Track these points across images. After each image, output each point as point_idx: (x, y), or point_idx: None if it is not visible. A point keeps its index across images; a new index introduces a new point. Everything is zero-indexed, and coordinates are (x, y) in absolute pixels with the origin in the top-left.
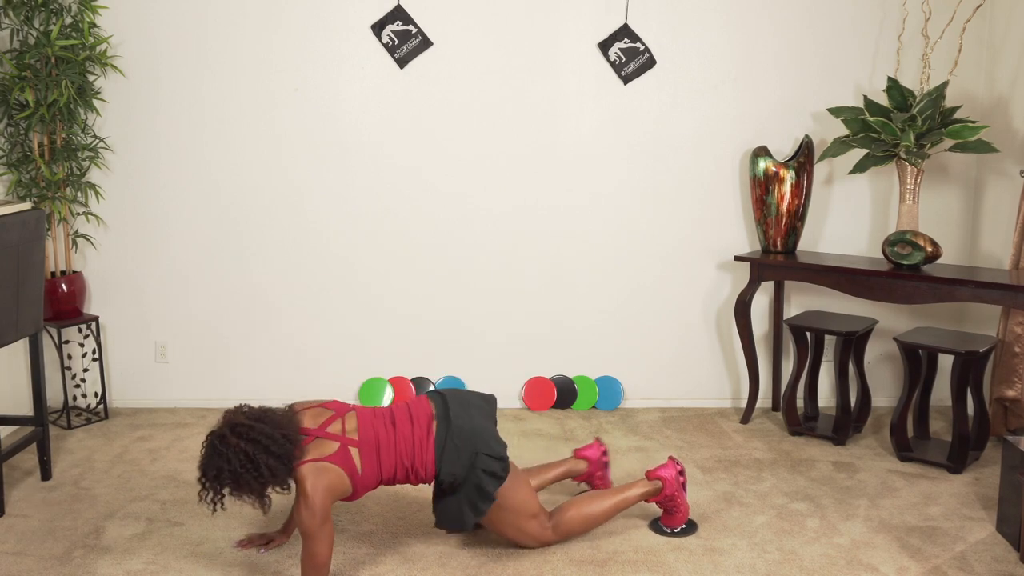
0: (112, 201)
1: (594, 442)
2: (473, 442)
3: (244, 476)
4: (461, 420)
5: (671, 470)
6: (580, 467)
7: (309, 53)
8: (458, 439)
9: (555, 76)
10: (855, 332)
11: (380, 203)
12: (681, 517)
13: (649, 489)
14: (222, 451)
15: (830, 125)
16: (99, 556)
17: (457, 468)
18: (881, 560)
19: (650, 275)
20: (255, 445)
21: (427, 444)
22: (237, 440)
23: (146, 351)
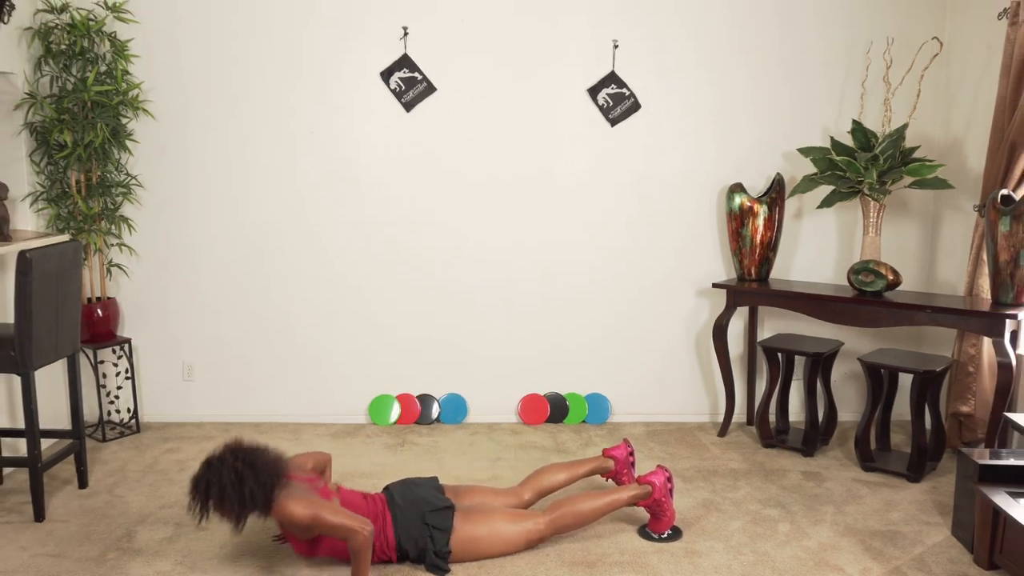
0: (143, 233)
1: (622, 443)
2: (418, 505)
3: (229, 495)
4: (405, 494)
5: (660, 476)
6: (608, 465)
7: (325, 98)
8: (406, 508)
9: (549, 119)
10: (822, 353)
11: (388, 235)
12: (667, 522)
13: (639, 492)
14: (216, 468)
15: (800, 164)
16: (131, 558)
17: (412, 532)
18: (846, 561)
19: (636, 301)
20: (248, 468)
21: (387, 524)
22: (233, 461)
23: (175, 370)
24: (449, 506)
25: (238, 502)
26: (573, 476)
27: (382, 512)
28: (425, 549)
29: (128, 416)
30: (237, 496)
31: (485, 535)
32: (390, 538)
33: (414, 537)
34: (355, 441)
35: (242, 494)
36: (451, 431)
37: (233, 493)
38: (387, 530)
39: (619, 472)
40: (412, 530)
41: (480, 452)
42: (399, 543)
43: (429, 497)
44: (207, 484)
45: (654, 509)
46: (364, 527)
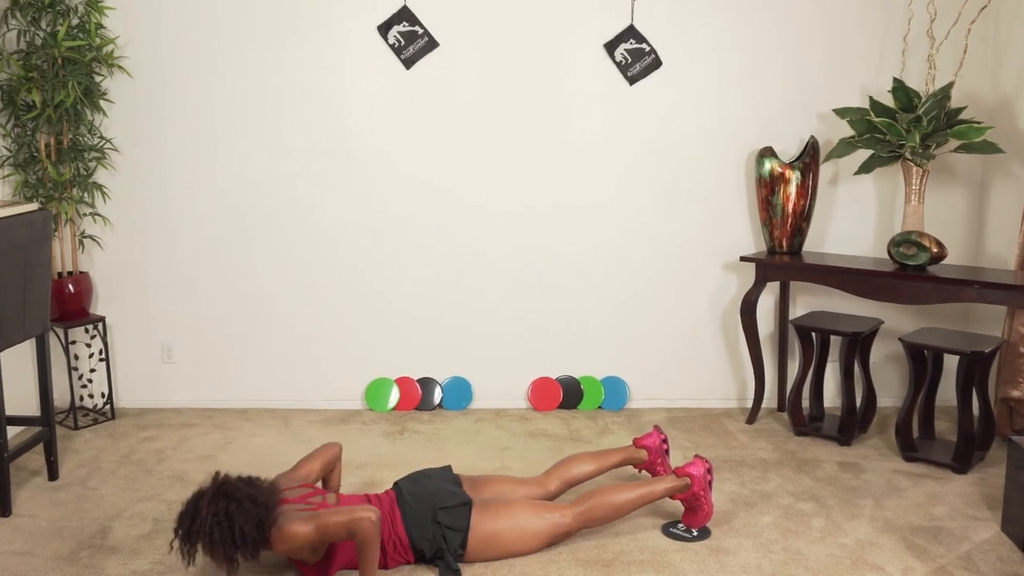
0: (118, 202)
1: (652, 430)
2: (430, 502)
3: (217, 537)
4: (414, 489)
5: (699, 468)
6: (640, 456)
7: (315, 54)
8: (415, 504)
9: (561, 77)
10: (860, 332)
11: (386, 204)
12: (703, 517)
13: (676, 485)
14: (201, 509)
15: (835, 126)
16: (106, 556)
17: (425, 532)
18: (886, 560)
19: (656, 275)
20: (235, 504)
21: (396, 520)
22: (222, 502)
23: (153, 351)
24: (465, 502)
25: (229, 542)
26: (602, 467)
27: (391, 511)
28: (441, 549)
29: (102, 401)
30: (229, 538)
31: (506, 530)
32: (403, 538)
33: (427, 537)
34: (350, 429)
35: (233, 536)
36: (454, 418)
37: (222, 533)
38: (398, 530)
39: (653, 463)
40: (424, 529)
41: (486, 441)
42: (412, 543)
43: (441, 492)
44: (190, 523)
45: (691, 503)
46: (371, 514)
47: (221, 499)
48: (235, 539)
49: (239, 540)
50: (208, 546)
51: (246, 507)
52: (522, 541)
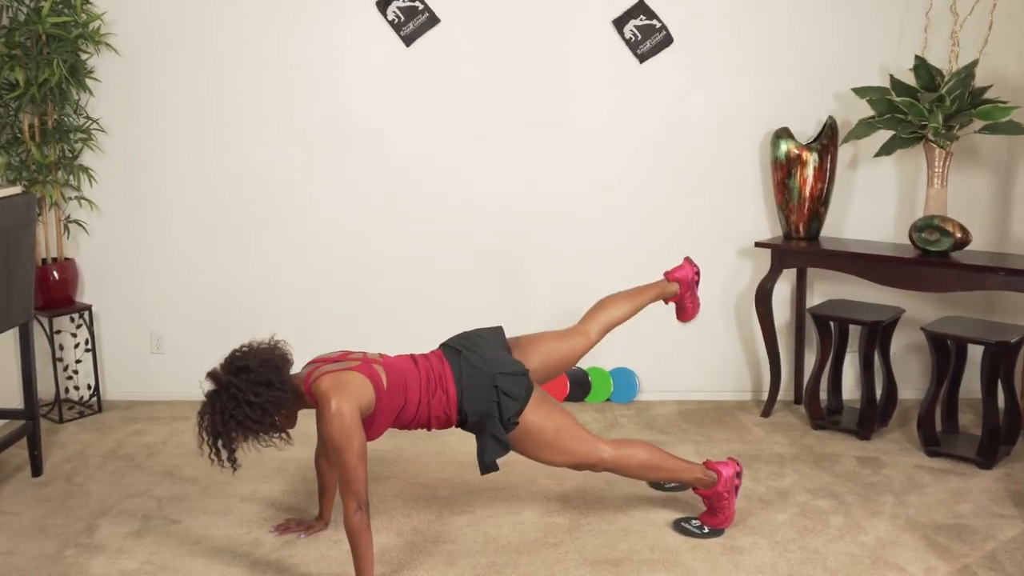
0: (106, 185)
1: (684, 262)
2: (487, 364)
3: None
4: (472, 354)
5: (730, 469)
6: (672, 289)
7: (312, 30)
8: (474, 369)
9: (569, 54)
10: (881, 322)
11: (385, 186)
12: (723, 520)
13: (703, 478)
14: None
15: (855, 106)
16: (92, 555)
17: (479, 401)
18: (908, 559)
19: (667, 261)
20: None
21: (446, 376)
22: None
23: (141, 341)
24: (525, 372)
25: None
26: (637, 306)
27: (440, 369)
28: (489, 416)
29: (88, 394)
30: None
31: (549, 433)
32: (452, 397)
33: (480, 399)
34: None
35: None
36: None
37: (243, 415)
38: (448, 387)
39: (683, 295)
40: (479, 391)
41: None
42: (461, 404)
43: (500, 357)
44: (212, 430)
45: (713, 503)
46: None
47: (220, 392)
48: (255, 412)
49: (259, 413)
50: (243, 432)
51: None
52: (556, 447)
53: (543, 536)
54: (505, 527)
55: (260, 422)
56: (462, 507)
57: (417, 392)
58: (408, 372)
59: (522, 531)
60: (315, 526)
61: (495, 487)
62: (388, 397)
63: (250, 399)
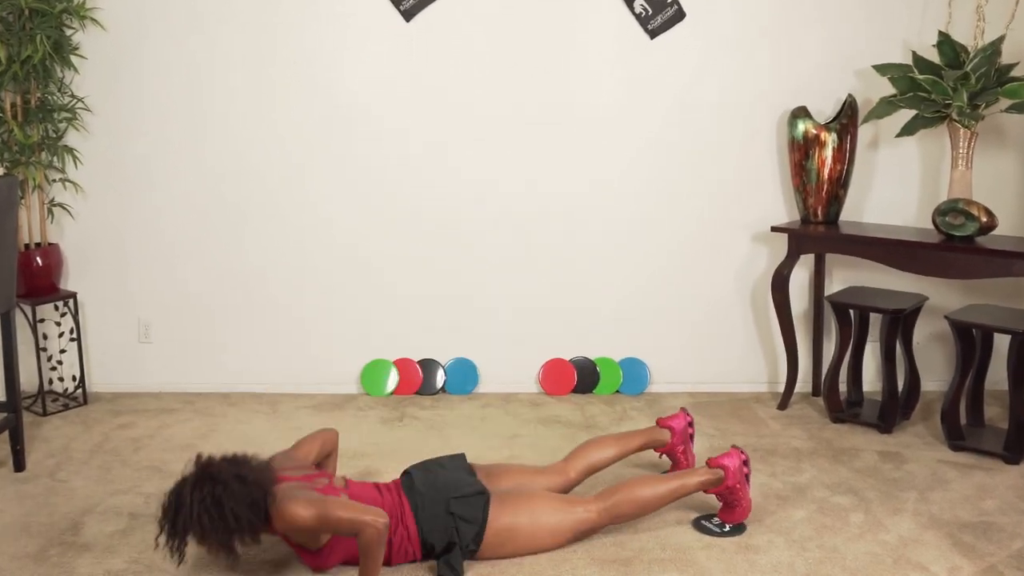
0: (92, 166)
1: (679, 412)
2: (442, 492)
3: (208, 524)
4: (425, 478)
5: (735, 459)
6: (663, 437)
7: (308, 4)
8: (428, 499)
9: (577, 30)
10: (903, 310)
11: (384, 172)
12: (741, 512)
13: (709, 478)
14: (185, 498)
15: (875, 84)
16: (77, 554)
17: (439, 531)
18: (931, 558)
19: (679, 247)
20: (223, 486)
21: (406, 511)
22: (207, 486)
23: (129, 330)
24: (480, 491)
25: (222, 528)
26: (624, 450)
27: (399, 501)
28: (453, 543)
29: (73, 385)
30: (219, 522)
31: (526, 525)
32: (412, 532)
33: (438, 529)
34: (344, 415)
35: (224, 517)
36: (459, 403)
37: (212, 520)
38: (408, 522)
39: (675, 446)
40: (436, 521)
41: (494, 428)
42: (423, 537)
43: (455, 481)
44: (175, 514)
45: (727, 497)
46: (377, 519)
47: (206, 483)
48: (228, 523)
49: (233, 524)
50: (200, 536)
51: (234, 488)
52: (541, 538)
53: None
54: None
55: (226, 534)
56: None
57: None
58: (373, 502)
59: None
60: None
61: None
62: (347, 539)
63: (234, 510)
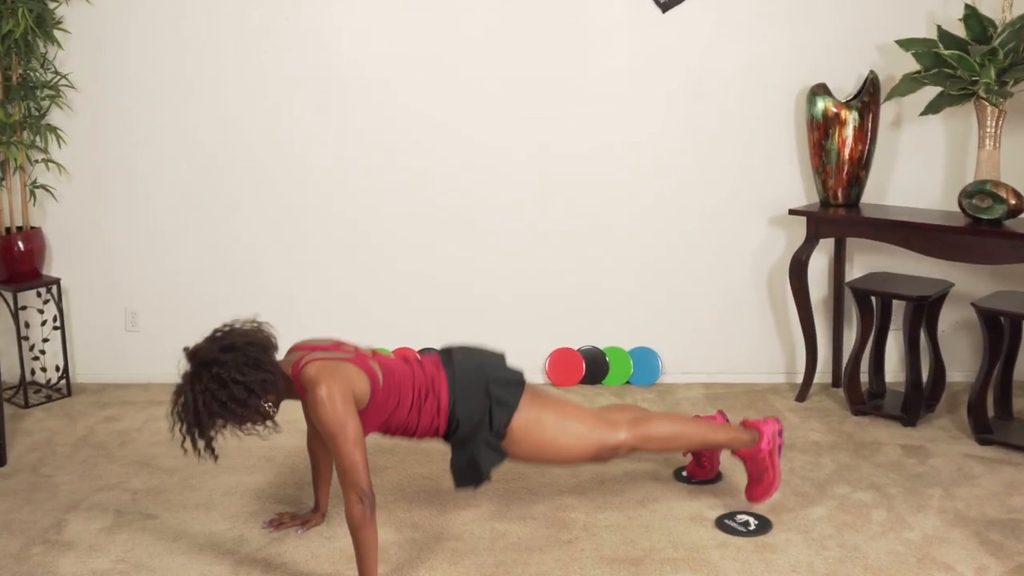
0: (76, 146)
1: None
2: (482, 370)
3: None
4: (466, 357)
5: (771, 426)
6: (748, 438)
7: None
8: (467, 375)
9: (585, 5)
10: (927, 297)
11: (383, 149)
12: (767, 485)
13: (743, 436)
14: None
15: (899, 59)
16: (61, 553)
17: (471, 409)
18: (957, 558)
19: (692, 232)
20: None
21: (440, 382)
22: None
23: (115, 318)
24: (520, 380)
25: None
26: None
27: (434, 374)
28: (480, 425)
29: (57, 376)
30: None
31: (552, 424)
32: (443, 404)
33: (472, 408)
34: None
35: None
36: None
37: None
38: (440, 392)
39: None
40: (471, 399)
41: None
42: (452, 411)
43: (496, 365)
44: (188, 413)
45: (756, 465)
46: (361, 498)
47: (202, 370)
48: (239, 394)
49: (244, 393)
50: (223, 417)
51: (227, 359)
52: (565, 442)
53: (556, 532)
54: (514, 522)
55: (246, 405)
56: (467, 500)
57: (411, 395)
58: (403, 373)
59: (533, 527)
60: (311, 519)
61: (503, 479)
62: (383, 394)
63: (236, 379)
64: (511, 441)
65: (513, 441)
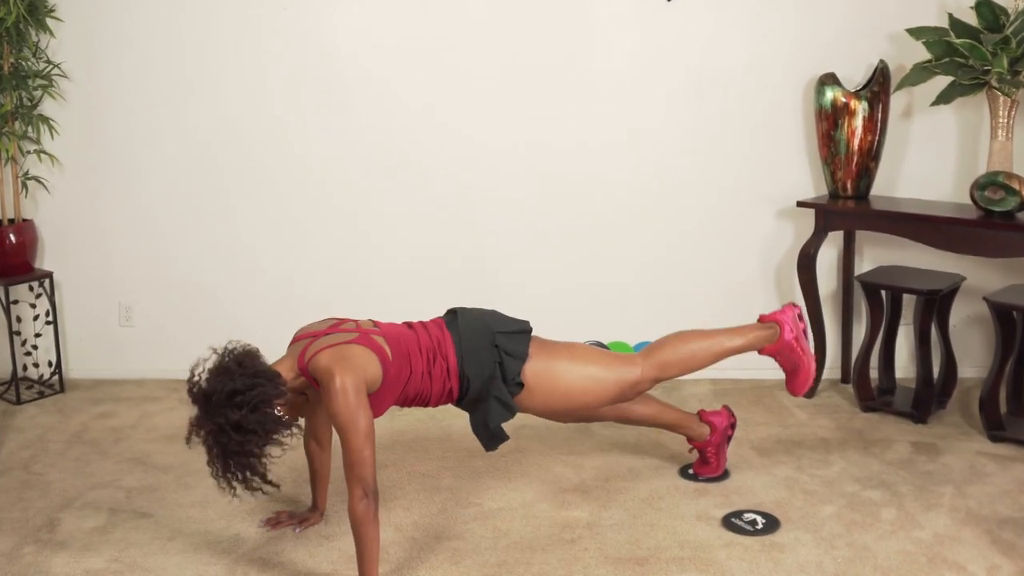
0: (69, 137)
1: (722, 409)
2: (487, 325)
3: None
4: (469, 314)
5: (788, 312)
6: (700, 431)
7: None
8: (472, 331)
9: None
10: (938, 291)
11: (383, 141)
12: (806, 373)
13: (763, 333)
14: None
15: (909, 48)
16: (53, 553)
17: (480, 364)
18: (969, 557)
19: (698, 224)
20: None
21: (446, 343)
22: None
23: (109, 313)
24: (526, 329)
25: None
26: (658, 418)
27: (439, 336)
28: (492, 379)
29: (49, 371)
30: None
31: (566, 369)
32: (452, 365)
33: (480, 364)
34: None
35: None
36: None
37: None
38: (448, 353)
39: (708, 444)
40: (478, 354)
41: None
42: (462, 371)
43: (500, 317)
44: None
45: (787, 356)
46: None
47: (207, 423)
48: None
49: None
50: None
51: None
52: (581, 384)
53: (559, 531)
54: (517, 521)
55: (264, 424)
56: (468, 498)
57: (420, 362)
58: (408, 339)
59: (536, 525)
60: (310, 518)
61: (505, 476)
62: (395, 369)
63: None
64: (528, 392)
65: (530, 391)
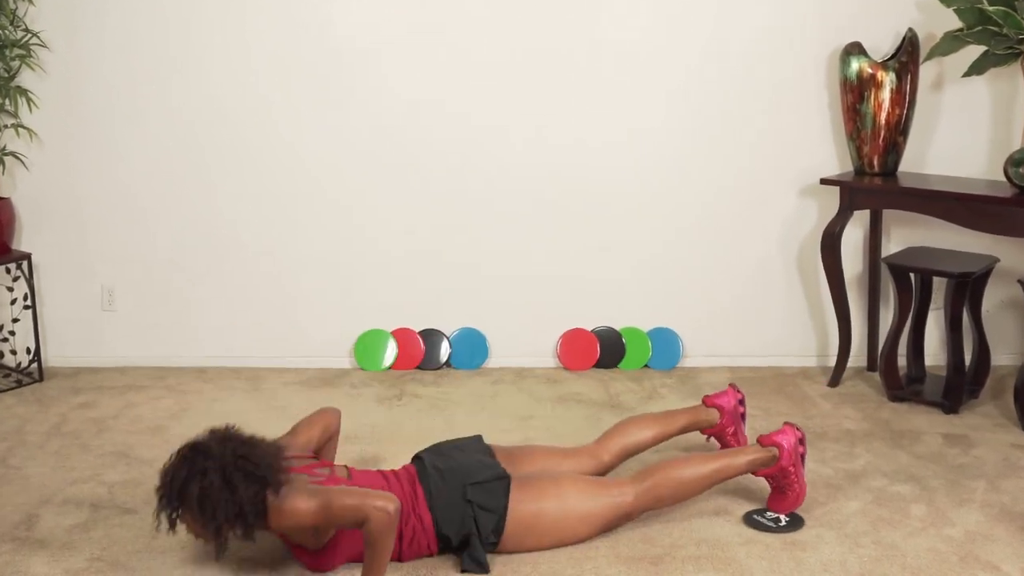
0: (48, 111)
1: (728, 388)
2: (457, 477)
3: (212, 504)
4: (440, 463)
5: (790, 437)
6: (710, 418)
7: None
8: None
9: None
10: (971, 273)
11: (380, 123)
12: (793, 500)
13: (761, 456)
14: (199, 463)
15: (940, 16)
16: (32, 551)
17: (456, 522)
18: (1002, 556)
19: (716, 203)
20: (242, 471)
21: (419, 500)
22: (223, 455)
23: (90, 297)
24: (501, 476)
25: (224, 512)
26: (666, 432)
27: (411, 490)
28: (470, 534)
29: (27, 359)
30: (223, 504)
31: (552, 512)
32: (427, 523)
33: (455, 519)
34: (336, 393)
35: (232, 501)
36: (466, 379)
37: (220, 498)
38: (421, 512)
39: (724, 428)
40: (452, 510)
41: (505, 407)
42: (438, 528)
43: (472, 465)
44: (184, 483)
45: (779, 480)
46: (387, 504)
47: (225, 456)
48: (234, 507)
49: (238, 509)
50: (198, 514)
51: (250, 469)
52: (570, 526)
53: None
54: None
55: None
56: None
57: None
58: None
59: None
60: None
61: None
62: (351, 534)
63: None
64: (511, 541)
65: (514, 539)
